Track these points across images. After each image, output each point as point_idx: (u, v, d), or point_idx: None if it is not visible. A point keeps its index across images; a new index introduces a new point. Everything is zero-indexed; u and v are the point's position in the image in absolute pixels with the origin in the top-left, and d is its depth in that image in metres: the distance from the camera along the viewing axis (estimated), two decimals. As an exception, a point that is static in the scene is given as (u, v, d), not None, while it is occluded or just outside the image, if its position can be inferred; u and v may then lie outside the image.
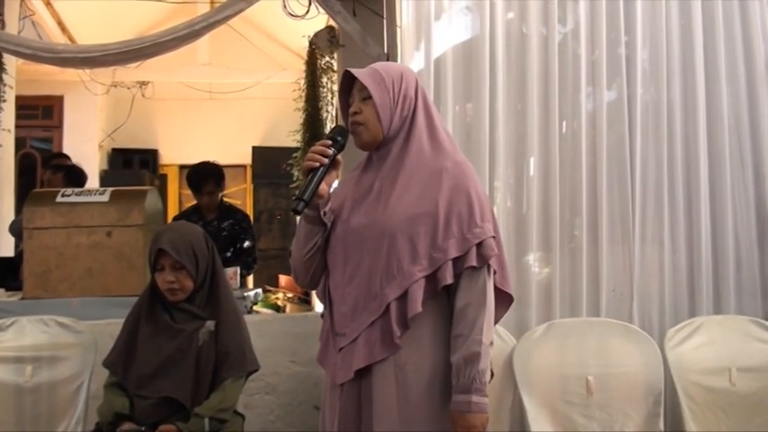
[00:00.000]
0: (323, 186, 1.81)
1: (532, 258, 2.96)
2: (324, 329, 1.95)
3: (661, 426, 2.68)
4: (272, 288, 5.51)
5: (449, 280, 1.77)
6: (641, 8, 3.09)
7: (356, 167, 2.01)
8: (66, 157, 5.07)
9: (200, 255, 2.37)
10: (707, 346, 2.85)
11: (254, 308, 4.04)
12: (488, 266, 1.81)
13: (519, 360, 2.70)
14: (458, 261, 1.78)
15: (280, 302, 5.18)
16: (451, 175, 1.82)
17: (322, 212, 1.85)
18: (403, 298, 1.76)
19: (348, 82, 1.92)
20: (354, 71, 1.87)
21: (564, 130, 3.03)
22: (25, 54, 3.12)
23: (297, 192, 1.81)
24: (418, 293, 1.76)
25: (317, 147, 1.82)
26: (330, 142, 1.83)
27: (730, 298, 3.05)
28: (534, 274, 2.96)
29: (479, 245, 1.78)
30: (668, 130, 3.07)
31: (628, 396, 2.71)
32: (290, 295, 5.36)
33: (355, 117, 1.87)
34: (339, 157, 1.85)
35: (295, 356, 3.05)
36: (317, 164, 1.79)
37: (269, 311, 4.32)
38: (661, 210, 3.04)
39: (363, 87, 1.85)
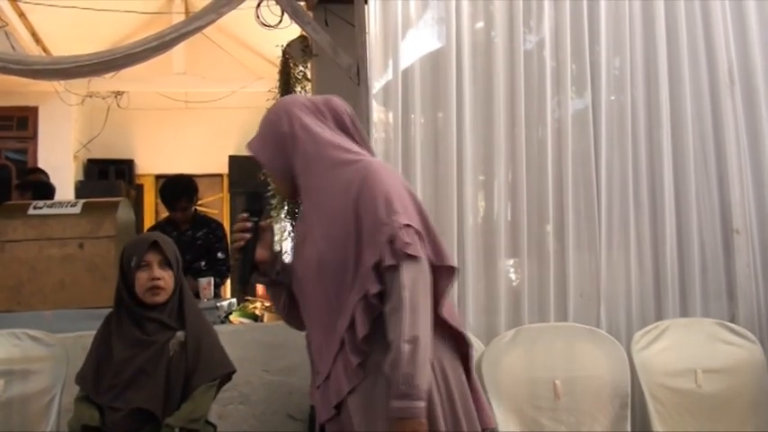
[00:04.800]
0: (261, 253, 1.85)
1: (502, 265, 2.99)
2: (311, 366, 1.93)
3: (628, 428, 2.71)
4: (249, 297, 5.50)
5: (372, 289, 1.69)
6: (605, 16, 3.13)
7: None
8: (41, 171, 5.06)
9: (179, 259, 2.40)
10: (673, 349, 2.88)
11: (231, 318, 4.03)
12: (413, 257, 1.68)
13: (488, 365, 2.71)
14: (378, 265, 1.69)
15: (258, 312, 5.16)
16: (353, 184, 1.75)
17: (274, 274, 1.88)
18: (352, 326, 1.71)
19: None
20: (250, 148, 1.88)
21: (531, 137, 3.06)
22: (-5, 66, 3.11)
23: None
24: (362, 317, 1.69)
25: (237, 226, 1.86)
26: (247, 215, 1.87)
27: (696, 301, 3.08)
28: (503, 280, 2.98)
29: (391, 241, 1.67)
30: (633, 136, 3.11)
31: (595, 399, 2.73)
32: (267, 304, 5.34)
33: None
34: (264, 222, 1.87)
35: (268, 366, 3.05)
36: (243, 242, 1.84)
37: (245, 320, 4.31)
38: (627, 215, 3.07)
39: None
